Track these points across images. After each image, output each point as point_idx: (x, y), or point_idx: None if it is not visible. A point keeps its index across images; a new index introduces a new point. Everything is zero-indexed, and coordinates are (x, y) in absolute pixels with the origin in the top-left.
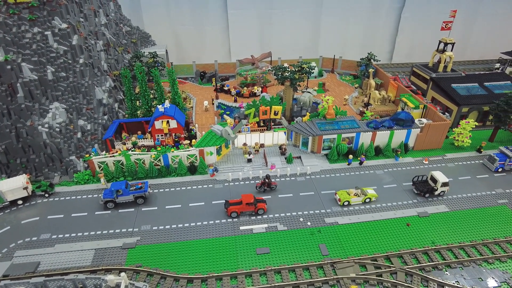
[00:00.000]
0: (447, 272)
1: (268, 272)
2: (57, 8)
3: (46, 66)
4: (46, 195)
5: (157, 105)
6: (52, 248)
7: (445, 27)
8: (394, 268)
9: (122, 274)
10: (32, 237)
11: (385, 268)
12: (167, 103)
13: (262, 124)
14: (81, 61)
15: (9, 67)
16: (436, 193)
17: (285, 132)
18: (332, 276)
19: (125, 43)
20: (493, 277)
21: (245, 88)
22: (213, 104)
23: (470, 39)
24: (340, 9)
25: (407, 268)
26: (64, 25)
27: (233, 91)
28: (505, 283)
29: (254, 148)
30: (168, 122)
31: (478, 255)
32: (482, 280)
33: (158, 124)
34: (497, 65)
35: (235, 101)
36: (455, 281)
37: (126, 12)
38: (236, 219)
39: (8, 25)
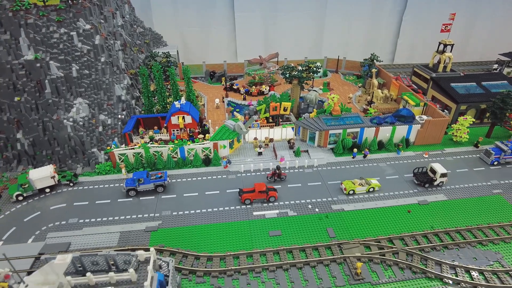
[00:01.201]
0: (444, 253)
1: (280, 252)
2: (81, 10)
3: (71, 64)
4: (71, 184)
5: (173, 102)
6: (80, 231)
7: (445, 29)
8: (396, 249)
9: (151, 249)
10: (61, 221)
11: (387, 249)
12: (183, 100)
13: (271, 120)
14: (102, 59)
15: (38, 65)
16: (435, 183)
17: (293, 128)
18: (339, 255)
19: (139, 44)
20: (474, 258)
21: (254, 87)
22: (223, 102)
23: (470, 40)
24: (343, 12)
25: (408, 248)
26: (88, 26)
27: (242, 90)
28: (497, 262)
29: (264, 142)
30: (183, 117)
31: (473, 238)
32: (476, 259)
33: (174, 120)
34: (495, 66)
35: (244, 99)
36: (452, 260)
37: (138, 14)
38: (250, 206)
39: (38, 26)
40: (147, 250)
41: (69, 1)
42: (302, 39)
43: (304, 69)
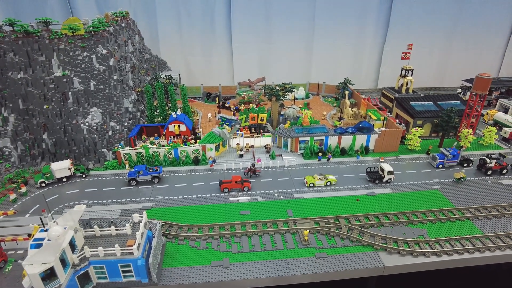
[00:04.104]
0: (380, 229)
1: (247, 224)
2: (100, 39)
3: (90, 80)
4: (84, 176)
5: (171, 113)
6: (90, 208)
7: (404, 57)
8: (340, 224)
9: (144, 212)
10: (74, 202)
11: (333, 224)
12: (179, 111)
13: (253, 130)
14: (114, 77)
15: (64, 80)
16: (384, 180)
17: (271, 138)
18: (293, 227)
19: (146, 67)
20: (404, 233)
21: (243, 105)
22: (215, 116)
23: (446, 68)
24: (329, 43)
25: (350, 225)
26: (104, 51)
27: (233, 107)
28: (422, 236)
29: (245, 147)
30: (179, 126)
31: (406, 219)
32: (405, 234)
33: (171, 128)
34: (459, 90)
35: (234, 115)
36: (385, 234)
37: (146, 43)
38: (227, 194)
39: (67, 50)
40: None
41: (92, 32)
42: (292, 66)
43: (280, 88)
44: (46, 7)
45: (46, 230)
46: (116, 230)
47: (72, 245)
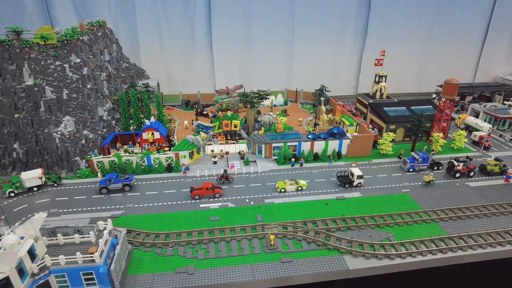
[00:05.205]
0: (347, 233)
1: (215, 230)
2: (73, 48)
3: (62, 89)
4: (56, 184)
5: (145, 121)
6: (59, 217)
7: (378, 63)
8: (307, 228)
9: (109, 220)
10: (44, 211)
11: (300, 229)
12: (152, 119)
13: (229, 137)
14: (88, 86)
15: (36, 89)
16: (354, 184)
17: (246, 144)
18: (261, 232)
19: (123, 76)
20: (370, 236)
21: (221, 112)
22: (192, 124)
23: (424, 74)
24: (309, 50)
25: (317, 228)
26: (78, 60)
27: (211, 115)
28: (387, 239)
29: (220, 154)
30: (153, 133)
31: (374, 222)
32: (371, 237)
33: (145, 135)
34: (434, 95)
35: (211, 122)
36: (351, 237)
37: (126, 52)
38: (198, 200)
39: (38, 59)
40: None
41: (65, 41)
42: (273, 74)
43: (255, 96)
44: (24, 17)
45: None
46: (80, 238)
47: (32, 254)
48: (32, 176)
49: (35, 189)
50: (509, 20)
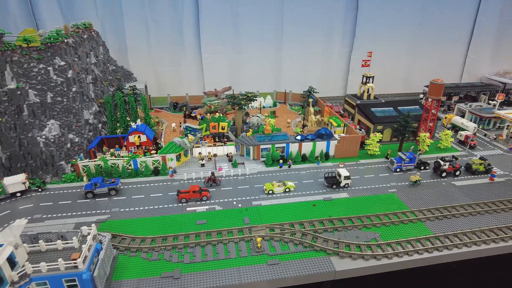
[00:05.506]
0: (333, 234)
1: (201, 234)
2: (58, 50)
3: (46, 92)
4: (40, 190)
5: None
6: (42, 222)
7: (365, 64)
8: (294, 230)
9: (93, 225)
10: (27, 217)
11: (288, 231)
12: (138, 122)
13: (217, 139)
14: (73, 89)
15: (19, 92)
16: (342, 185)
17: (235, 146)
18: (248, 235)
19: (110, 79)
20: (357, 236)
21: (209, 114)
22: (180, 126)
23: (412, 75)
24: (298, 52)
25: (304, 230)
26: (62, 63)
27: (199, 117)
28: (374, 239)
29: (207, 157)
30: (139, 136)
31: (360, 223)
32: (358, 237)
33: (131, 138)
34: (421, 95)
35: (200, 124)
36: (338, 238)
37: (113, 54)
38: (185, 204)
39: (21, 62)
40: None
41: (49, 44)
42: (262, 75)
43: (243, 97)
44: (8, 18)
45: None
46: (63, 244)
47: (11, 261)
48: (15, 181)
49: (18, 194)
50: (494, 21)
